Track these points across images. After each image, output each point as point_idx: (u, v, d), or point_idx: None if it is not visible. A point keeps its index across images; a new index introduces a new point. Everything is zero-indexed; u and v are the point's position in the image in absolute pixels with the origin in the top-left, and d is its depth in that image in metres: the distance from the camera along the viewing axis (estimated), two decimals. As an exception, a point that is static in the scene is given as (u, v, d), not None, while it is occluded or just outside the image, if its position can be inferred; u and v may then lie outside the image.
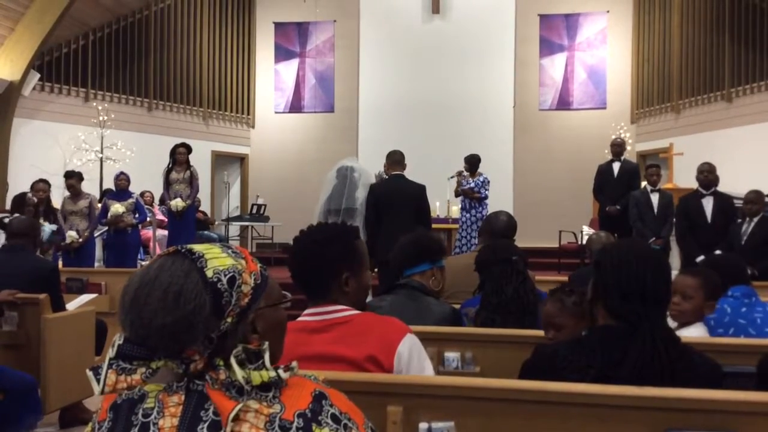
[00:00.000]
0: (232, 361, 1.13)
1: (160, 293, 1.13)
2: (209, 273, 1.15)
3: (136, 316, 1.13)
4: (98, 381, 1.11)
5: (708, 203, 6.67)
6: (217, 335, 1.14)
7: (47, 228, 7.26)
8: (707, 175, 6.77)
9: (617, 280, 1.82)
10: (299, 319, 1.97)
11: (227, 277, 1.16)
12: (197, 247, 1.20)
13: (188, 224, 8.62)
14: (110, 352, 1.12)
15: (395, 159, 6.13)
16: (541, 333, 2.49)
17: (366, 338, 1.86)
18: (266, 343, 1.19)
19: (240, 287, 1.17)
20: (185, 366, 1.12)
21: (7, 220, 6.02)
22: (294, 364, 1.18)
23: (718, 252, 5.97)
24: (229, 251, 1.22)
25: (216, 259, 1.17)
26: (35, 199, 6.93)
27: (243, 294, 1.18)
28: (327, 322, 1.90)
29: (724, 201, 6.72)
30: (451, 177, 8.71)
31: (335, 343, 1.86)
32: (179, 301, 1.12)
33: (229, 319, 1.16)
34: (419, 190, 5.93)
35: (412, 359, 1.86)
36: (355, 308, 1.97)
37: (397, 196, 5.82)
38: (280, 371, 1.14)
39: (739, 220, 6.46)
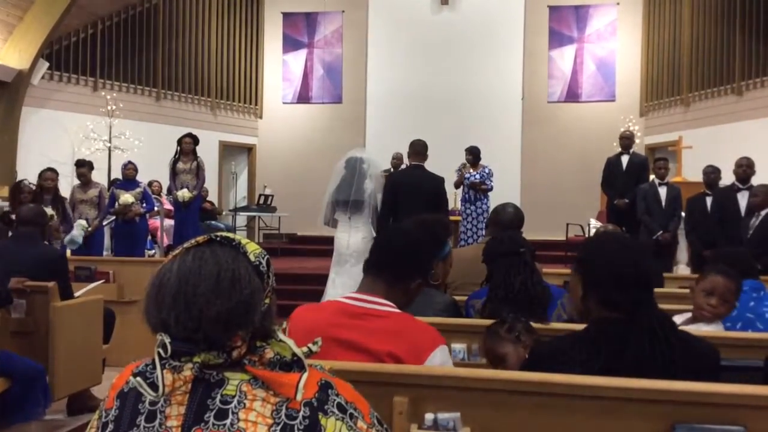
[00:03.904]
0: (283, 337, 1.16)
1: (211, 282, 1.12)
2: (251, 257, 1.18)
3: (183, 310, 1.11)
4: (150, 385, 1.11)
5: (743, 198, 6.57)
6: (259, 317, 1.16)
7: (74, 234, 7.33)
8: (746, 169, 6.69)
9: (610, 270, 1.83)
10: (339, 299, 1.98)
11: (265, 259, 1.20)
12: (229, 235, 1.21)
13: (193, 214, 8.64)
14: (160, 352, 1.11)
15: (416, 149, 6.07)
16: (547, 325, 2.49)
17: (398, 339, 1.84)
18: (284, 322, 1.22)
19: (272, 268, 1.21)
20: (226, 355, 1.12)
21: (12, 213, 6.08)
22: (318, 339, 1.22)
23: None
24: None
25: (249, 244, 1.21)
26: (32, 186, 6.95)
27: (273, 274, 1.22)
28: (365, 311, 1.89)
29: None
30: (458, 169, 8.69)
31: (366, 333, 1.85)
32: (235, 287, 1.13)
33: (267, 300, 1.18)
34: (438, 182, 5.88)
35: None
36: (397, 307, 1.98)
37: (415, 186, 5.78)
38: (311, 346, 1.19)
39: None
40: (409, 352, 1.82)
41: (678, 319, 2.78)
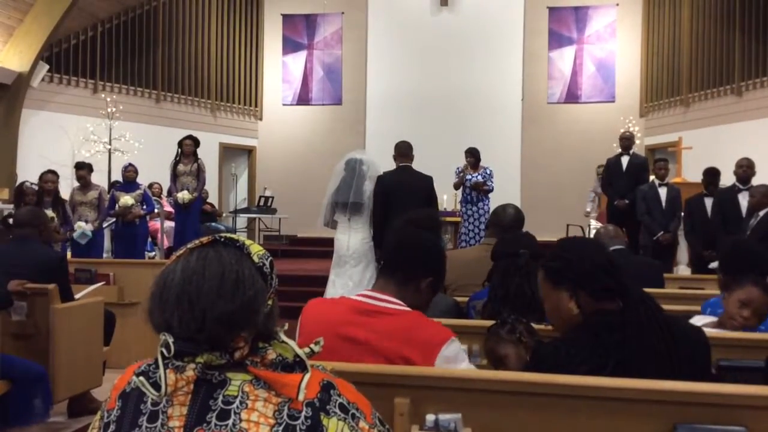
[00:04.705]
0: (285, 338, 1.17)
1: (215, 283, 1.12)
2: (255, 259, 1.18)
3: (187, 310, 1.12)
4: (153, 384, 1.11)
5: (744, 198, 6.57)
6: (262, 319, 1.16)
7: (84, 227, 7.35)
8: (746, 170, 6.71)
9: (593, 261, 1.90)
10: (352, 296, 2.02)
11: (268, 260, 1.20)
12: (233, 236, 1.22)
13: (193, 216, 8.64)
14: (163, 351, 1.11)
15: (402, 151, 6.11)
16: (546, 326, 2.49)
17: (407, 337, 1.86)
18: (286, 324, 1.22)
19: (275, 270, 1.21)
20: (229, 355, 1.13)
21: (11, 221, 6.08)
22: (320, 339, 1.22)
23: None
24: None
25: (253, 245, 1.21)
26: (35, 188, 6.96)
27: (276, 276, 1.22)
28: (376, 308, 1.92)
29: None
30: (459, 171, 8.68)
31: (376, 332, 1.87)
32: (239, 288, 1.13)
33: (269, 302, 1.18)
34: (427, 182, 5.91)
35: (454, 365, 1.86)
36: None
37: (404, 187, 5.80)
38: (312, 346, 1.20)
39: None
40: (420, 351, 1.83)
41: (699, 321, 2.76)
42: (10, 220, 6.11)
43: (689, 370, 1.76)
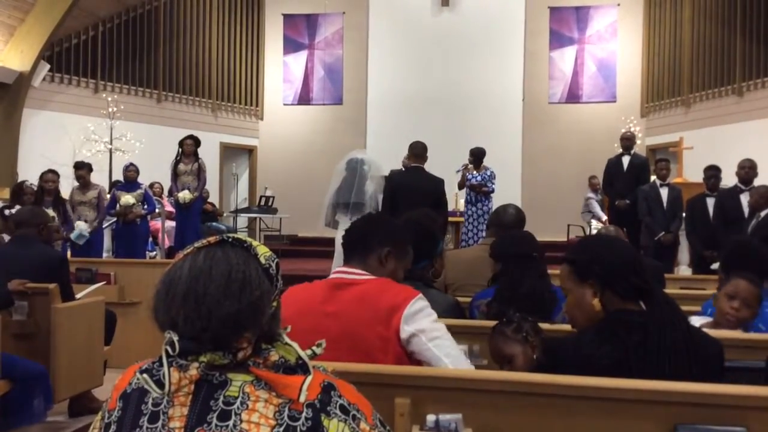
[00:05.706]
0: (288, 340, 1.17)
1: (221, 283, 1.12)
2: (262, 260, 1.19)
3: (193, 309, 1.11)
4: (156, 382, 1.11)
5: (746, 199, 6.56)
6: (267, 320, 1.17)
7: (81, 227, 7.37)
8: (748, 171, 6.71)
9: (622, 259, 1.87)
10: (329, 277, 2.16)
11: (275, 262, 1.21)
12: (240, 236, 1.22)
13: (193, 216, 8.65)
14: (168, 349, 1.11)
15: (416, 151, 6.11)
16: (552, 326, 2.48)
17: (375, 300, 1.98)
18: (288, 326, 1.23)
19: (280, 271, 1.22)
20: (232, 356, 1.13)
21: (7, 212, 6.09)
22: (322, 342, 1.23)
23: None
24: None
25: (259, 246, 1.21)
26: (33, 187, 6.96)
27: (281, 278, 1.22)
28: (346, 281, 2.07)
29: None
30: (458, 170, 8.68)
31: (347, 301, 2.00)
32: (245, 288, 1.13)
33: (274, 303, 1.18)
34: (438, 184, 5.91)
35: (418, 319, 1.95)
36: None
37: (414, 188, 5.81)
38: (315, 348, 1.21)
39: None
40: (387, 312, 1.93)
41: (696, 322, 2.77)
42: (7, 212, 6.13)
43: (704, 377, 1.73)
